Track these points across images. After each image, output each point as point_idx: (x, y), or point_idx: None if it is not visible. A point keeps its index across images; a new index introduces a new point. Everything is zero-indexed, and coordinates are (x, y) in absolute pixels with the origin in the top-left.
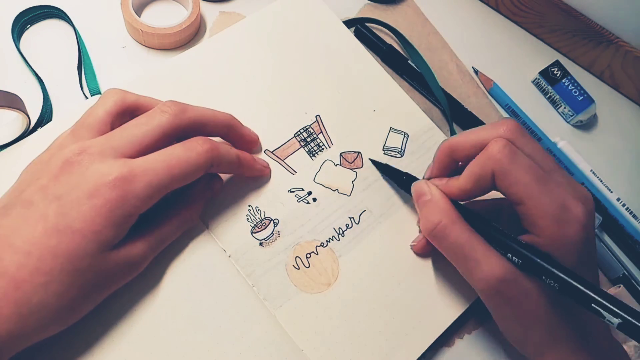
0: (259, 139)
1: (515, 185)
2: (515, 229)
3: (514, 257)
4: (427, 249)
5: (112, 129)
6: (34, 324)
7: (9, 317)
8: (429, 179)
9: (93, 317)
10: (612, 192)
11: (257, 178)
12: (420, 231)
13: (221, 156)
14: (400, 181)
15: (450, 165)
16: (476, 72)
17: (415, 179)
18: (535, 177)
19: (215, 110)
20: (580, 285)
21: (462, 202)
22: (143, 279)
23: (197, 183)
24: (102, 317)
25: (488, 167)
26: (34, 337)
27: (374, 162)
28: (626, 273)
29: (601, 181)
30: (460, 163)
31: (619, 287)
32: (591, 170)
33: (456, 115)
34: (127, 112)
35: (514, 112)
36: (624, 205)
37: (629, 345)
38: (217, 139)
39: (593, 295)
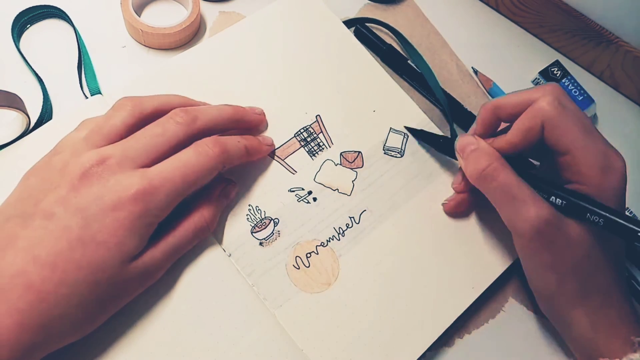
0: (264, 113)
1: (565, 135)
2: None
3: (557, 200)
4: (458, 208)
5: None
6: (54, 334)
7: (33, 329)
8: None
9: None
10: None
11: (257, 178)
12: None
13: (232, 155)
14: (438, 144)
15: (494, 124)
16: (476, 72)
17: (452, 140)
18: (583, 129)
19: (222, 108)
20: (624, 220)
21: None
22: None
23: (212, 191)
24: (107, 323)
25: (538, 118)
26: (52, 347)
27: (409, 129)
28: (626, 274)
29: None
30: (500, 127)
31: None
32: None
33: (456, 115)
34: (146, 121)
35: None
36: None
37: None
38: None
39: (637, 228)
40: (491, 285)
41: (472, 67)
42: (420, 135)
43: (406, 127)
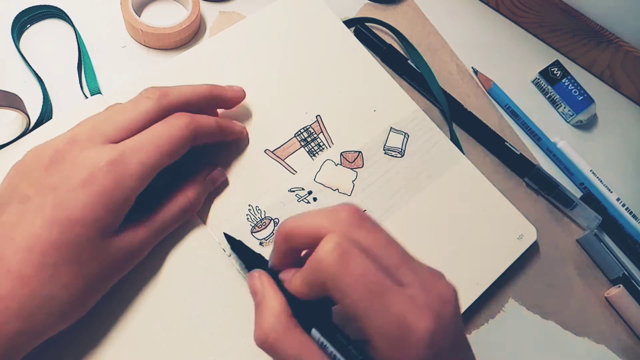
0: (243, 90)
1: (346, 299)
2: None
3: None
4: None
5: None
6: (43, 320)
7: (18, 315)
8: (272, 269)
9: (92, 316)
10: (612, 192)
11: (257, 178)
12: None
13: (201, 126)
14: (248, 262)
15: (291, 254)
16: (476, 72)
17: (263, 262)
18: (369, 289)
19: (195, 86)
20: None
21: None
22: (142, 278)
23: (198, 172)
24: (101, 317)
25: (318, 275)
26: (43, 335)
27: (227, 236)
28: (626, 273)
29: (601, 181)
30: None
31: (619, 287)
32: (591, 170)
33: (456, 115)
34: None
35: (513, 112)
36: (623, 205)
37: None
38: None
39: None
40: (491, 285)
41: (472, 67)
42: (235, 247)
43: (225, 234)
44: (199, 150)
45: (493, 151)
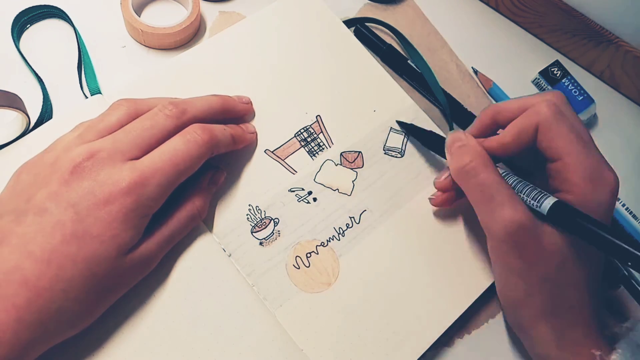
0: (251, 102)
1: (558, 139)
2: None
3: (538, 203)
4: (444, 204)
5: None
6: (53, 330)
7: (31, 324)
8: None
9: (97, 319)
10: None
11: (257, 178)
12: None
13: (220, 142)
14: (429, 142)
15: (491, 127)
16: (476, 72)
17: (443, 138)
18: (577, 137)
19: (210, 100)
20: (610, 236)
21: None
22: (143, 279)
23: (201, 179)
24: (102, 318)
25: (533, 120)
26: (51, 342)
27: (401, 123)
28: (626, 273)
29: None
30: (499, 132)
31: (619, 287)
32: None
33: (456, 115)
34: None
35: None
36: (623, 205)
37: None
38: None
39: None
40: (491, 285)
41: (472, 67)
42: (412, 131)
43: (399, 122)
44: None
45: None
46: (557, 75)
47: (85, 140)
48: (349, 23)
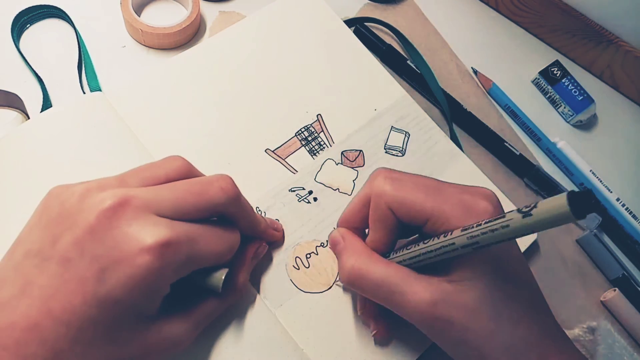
0: (282, 230)
1: (413, 207)
2: None
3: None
4: (388, 333)
5: None
6: None
7: None
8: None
9: None
10: (611, 192)
11: (257, 177)
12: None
13: (260, 252)
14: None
15: (357, 232)
16: (475, 72)
17: None
18: (427, 191)
19: (260, 216)
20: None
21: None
22: None
23: (245, 253)
24: None
25: (383, 206)
26: None
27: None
28: (626, 273)
29: (601, 181)
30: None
31: (614, 290)
32: (590, 171)
33: (456, 116)
34: None
35: (513, 112)
36: (623, 205)
37: (580, 328)
38: None
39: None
40: None
41: (471, 67)
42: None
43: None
44: None
45: (493, 151)
46: (557, 75)
47: (124, 183)
48: (349, 23)
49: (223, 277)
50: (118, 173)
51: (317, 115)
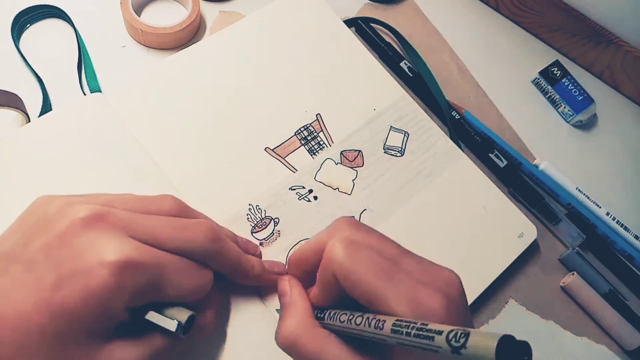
0: (285, 273)
1: (359, 285)
2: None
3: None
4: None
5: None
6: None
7: None
8: None
9: None
10: (600, 207)
11: (257, 176)
12: None
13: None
14: None
15: (305, 276)
16: (447, 102)
17: None
18: (378, 273)
19: (247, 258)
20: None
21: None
22: None
23: (215, 295)
24: None
25: (329, 271)
26: None
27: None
28: (612, 288)
29: (588, 198)
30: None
31: (573, 274)
32: (577, 188)
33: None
34: None
35: (489, 138)
36: (614, 218)
37: None
38: None
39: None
40: (491, 285)
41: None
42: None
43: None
44: None
45: (481, 160)
46: (557, 75)
47: (109, 204)
48: (349, 23)
49: (184, 319)
50: (117, 173)
51: (316, 115)
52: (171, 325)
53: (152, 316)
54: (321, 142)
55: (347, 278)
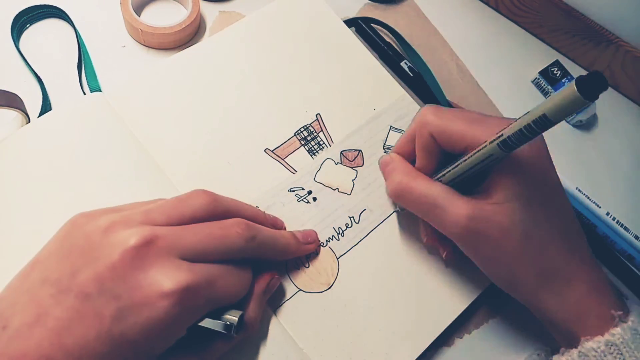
0: (316, 240)
1: (455, 135)
2: None
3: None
4: (450, 254)
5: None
6: None
7: None
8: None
9: None
10: (600, 207)
11: (257, 177)
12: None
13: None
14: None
15: (410, 154)
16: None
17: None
18: (468, 121)
19: (282, 236)
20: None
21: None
22: None
23: (256, 286)
24: None
25: (425, 133)
26: None
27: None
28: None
29: (588, 198)
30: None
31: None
32: (577, 188)
33: None
34: (215, 218)
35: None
36: (614, 219)
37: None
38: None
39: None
40: (491, 285)
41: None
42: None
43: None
44: None
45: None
46: (557, 75)
47: (150, 220)
48: (349, 23)
49: (236, 320)
50: (117, 173)
51: (316, 115)
52: (226, 328)
53: (207, 322)
54: (321, 142)
55: (442, 132)
